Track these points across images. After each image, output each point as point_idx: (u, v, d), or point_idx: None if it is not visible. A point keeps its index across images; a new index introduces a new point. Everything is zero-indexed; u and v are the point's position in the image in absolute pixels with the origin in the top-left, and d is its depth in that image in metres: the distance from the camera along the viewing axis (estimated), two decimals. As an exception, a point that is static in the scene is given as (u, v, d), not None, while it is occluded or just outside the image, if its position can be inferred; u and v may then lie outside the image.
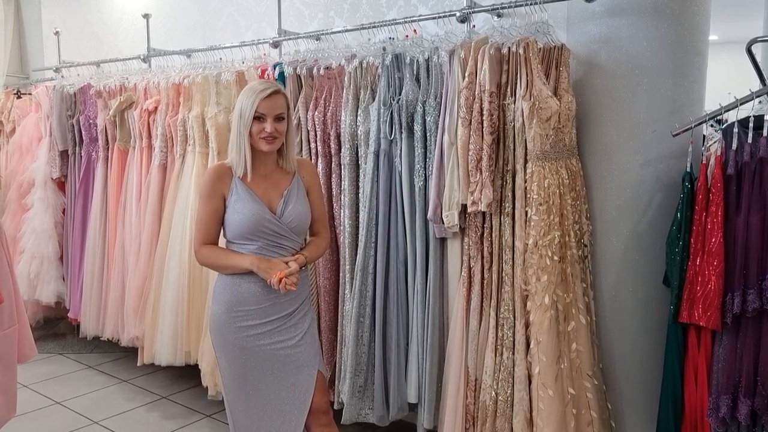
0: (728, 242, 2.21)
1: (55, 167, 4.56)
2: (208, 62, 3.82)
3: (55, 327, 5.07)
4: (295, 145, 2.42)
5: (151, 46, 4.38)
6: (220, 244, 2.43)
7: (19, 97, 5.09)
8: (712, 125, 2.58)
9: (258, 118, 2.24)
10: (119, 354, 4.49)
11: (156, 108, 3.83)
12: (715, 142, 2.39)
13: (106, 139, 4.19)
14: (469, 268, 2.68)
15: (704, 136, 2.61)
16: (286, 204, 2.35)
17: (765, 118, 2.21)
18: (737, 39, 2.53)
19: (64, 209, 4.62)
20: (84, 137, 4.35)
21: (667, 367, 2.39)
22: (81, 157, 4.41)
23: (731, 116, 2.33)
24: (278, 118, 2.27)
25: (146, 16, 4.35)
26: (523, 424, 2.51)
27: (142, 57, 4.37)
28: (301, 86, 3.14)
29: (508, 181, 2.58)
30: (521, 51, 2.49)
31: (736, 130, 2.26)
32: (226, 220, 2.34)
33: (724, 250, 2.20)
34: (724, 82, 2.74)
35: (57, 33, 5.04)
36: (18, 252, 4.53)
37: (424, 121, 2.75)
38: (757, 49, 3.72)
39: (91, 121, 4.27)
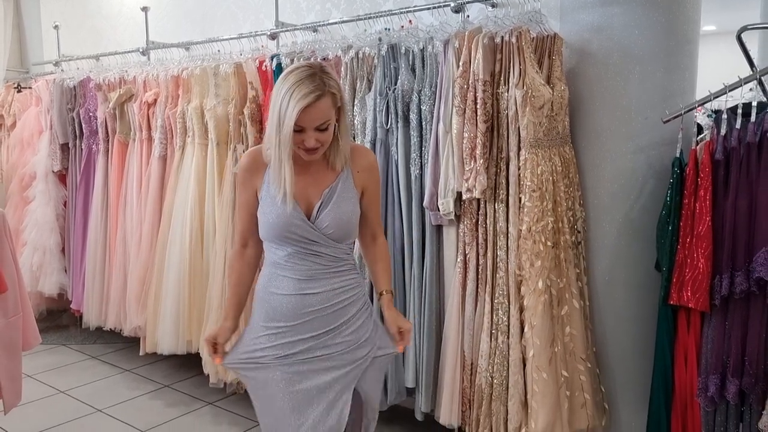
0: (716, 226, 2.25)
1: (56, 160, 4.60)
2: (206, 54, 3.86)
3: (58, 319, 5.12)
4: (349, 139, 2.01)
5: (149, 39, 4.41)
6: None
7: (19, 91, 5.12)
8: (709, 115, 2.62)
9: (297, 130, 1.82)
10: (122, 344, 4.55)
11: (155, 100, 3.87)
12: (710, 129, 2.44)
13: (107, 132, 4.23)
14: (465, 255, 2.73)
15: (698, 124, 2.65)
16: (323, 206, 1.95)
17: (752, 104, 2.25)
18: (734, 29, 2.56)
19: (65, 201, 4.67)
20: (84, 130, 4.39)
21: (658, 348, 2.44)
22: (81, 149, 4.45)
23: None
24: (321, 129, 1.85)
25: (145, 9, 4.37)
26: (518, 406, 2.57)
27: (141, 50, 4.39)
28: (299, 77, 3.17)
29: (502, 169, 2.62)
30: (514, 40, 2.53)
31: (725, 116, 2.31)
32: (258, 217, 2.01)
33: (712, 234, 2.25)
34: (721, 72, 2.77)
35: (56, 27, 5.06)
36: (20, 244, 4.57)
37: (420, 110, 2.79)
38: (758, 38, 3.78)
39: (91, 113, 4.31)
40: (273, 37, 3.62)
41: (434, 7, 2.94)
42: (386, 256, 2.20)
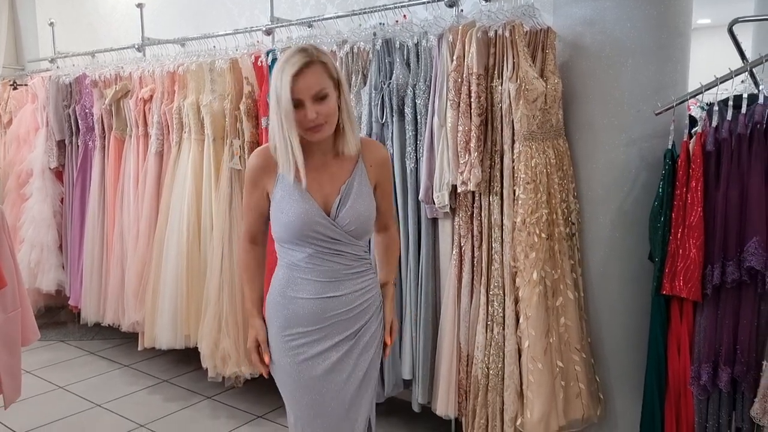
0: (708, 216, 2.28)
1: (52, 157, 4.62)
2: (201, 50, 3.86)
3: (56, 316, 5.14)
4: (356, 124, 1.94)
5: (145, 35, 4.42)
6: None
7: (15, 88, 5.13)
8: (703, 108, 2.64)
9: (296, 105, 1.77)
10: (120, 340, 4.57)
11: (151, 96, 3.88)
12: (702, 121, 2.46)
13: (103, 128, 4.24)
14: (460, 247, 2.75)
15: (692, 117, 2.67)
16: (343, 202, 1.89)
17: (743, 96, 2.28)
18: (729, 22, 2.58)
19: (62, 198, 4.68)
20: (81, 126, 4.40)
21: (651, 338, 2.46)
22: (78, 146, 4.46)
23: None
24: (319, 98, 1.78)
25: (140, 6, 4.38)
26: (514, 396, 2.60)
27: (136, 46, 4.40)
28: (294, 72, 3.18)
29: (496, 162, 2.64)
30: (507, 34, 2.55)
31: (716, 108, 2.33)
32: (271, 217, 1.94)
33: (704, 224, 2.27)
34: (716, 65, 2.79)
35: (51, 24, 5.06)
36: (18, 241, 4.58)
37: (415, 104, 2.81)
38: (752, 31, 3.80)
39: (87, 110, 4.31)
40: (268, 32, 3.63)
41: (428, 2, 2.96)
42: (397, 246, 2.17)
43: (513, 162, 2.58)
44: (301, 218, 1.85)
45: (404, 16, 3.07)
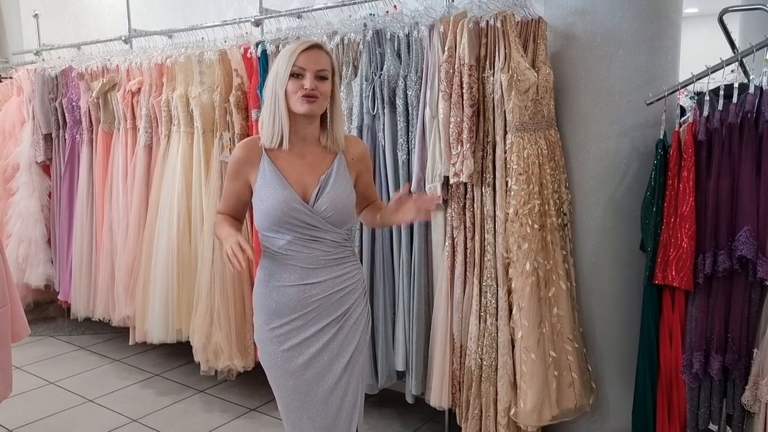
0: (699, 206, 2.29)
1: (39, 151, 4.57)
2: (190, 42, 3.82)
3: (45, 310, 5.10)
4: (344, 120, 2.03)
5: (132, 26, 4.37)
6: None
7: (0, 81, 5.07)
8: (691, 97, 2.65)
9: (296, 75, 1.90)
10: (111, 335, 4.54)
11: (139, 89, 3.84)
12: (692, 111, 2.47)
13: (90, 122, 4.20)
14: (453, 239, 2.75)
15: (681, 106, 2.68)
16: (321, 191, 1.98)
17: (734, 86, 2.28)
18: (716, 11, 2.59)
19: (49, 192, 4.64)
20: (67, 120, 4.35)
21: (643, 327, 2.48)
22: (65, 140, 4.42)
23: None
24: (320, 77, 1.92)
25: (126, -3, 4.34)
26: (507, 387, 2.61)
27: (123, 38, 4.35)
28: (284, 64, 3.16)
29: (488, 153, 2.64)
30: (499, 24, 2.54)
31: (707, 98, 2.34)
32: (253, 207, 2.02)
33: (695, 214, 2.28)
34: (704, 55, 2.80)
35: (36, 15, 5.00)
36: (5, 236, 4.54)
37: (406, 95, 2.80)
38: (739, 20, 3.80)
39: (74, 103, 4.27)
40: (257, 23, 3.60)
41: (419, -8, 2.95)
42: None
43: (505, 153, 2.58)
44: (280, 205, 1.93)
45: (395, 6, 3.05)
